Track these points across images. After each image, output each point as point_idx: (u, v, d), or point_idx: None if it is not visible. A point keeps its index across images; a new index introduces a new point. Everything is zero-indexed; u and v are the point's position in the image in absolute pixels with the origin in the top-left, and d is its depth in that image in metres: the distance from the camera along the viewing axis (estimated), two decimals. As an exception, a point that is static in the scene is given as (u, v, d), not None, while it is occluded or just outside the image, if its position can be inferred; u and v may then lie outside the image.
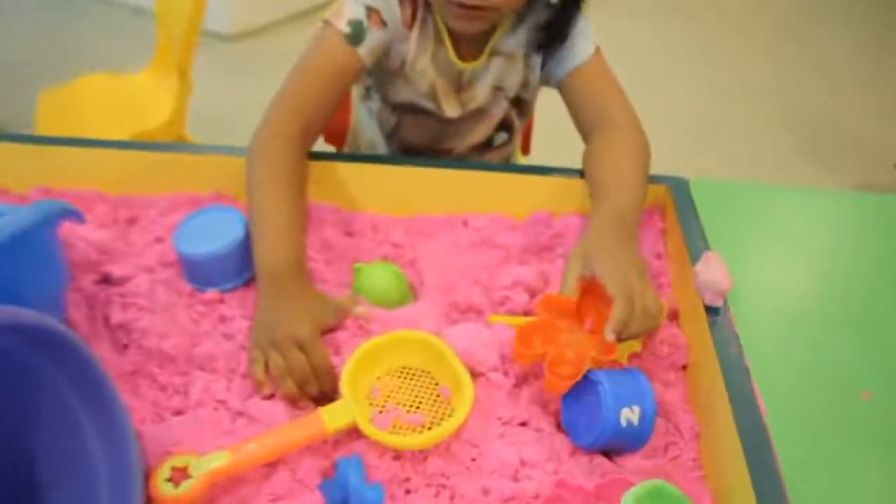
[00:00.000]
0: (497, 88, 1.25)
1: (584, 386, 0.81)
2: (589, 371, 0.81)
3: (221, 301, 0.97)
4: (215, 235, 0.97)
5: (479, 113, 1.27)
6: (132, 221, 1.10)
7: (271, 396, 0.85)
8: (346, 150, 1.55)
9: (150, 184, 1.14)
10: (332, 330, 0.91)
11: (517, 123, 1.34)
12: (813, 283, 1.12)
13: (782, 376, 0.95)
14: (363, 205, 1.14)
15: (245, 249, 0.98)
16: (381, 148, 1.36)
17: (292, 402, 0.85)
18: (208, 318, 0.95)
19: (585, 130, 1.15)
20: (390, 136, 1.33)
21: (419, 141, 1.31)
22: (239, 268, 0.99)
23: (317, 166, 1.11)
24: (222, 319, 0.94)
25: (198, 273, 0.98)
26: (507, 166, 1.35)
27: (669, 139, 1.65)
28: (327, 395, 0.86)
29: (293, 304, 0.90)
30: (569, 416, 0.83)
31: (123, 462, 0.73)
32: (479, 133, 1.30)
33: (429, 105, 1.24)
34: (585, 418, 0.81)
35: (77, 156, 1.14)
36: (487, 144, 1.34)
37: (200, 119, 1.05)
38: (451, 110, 1.25)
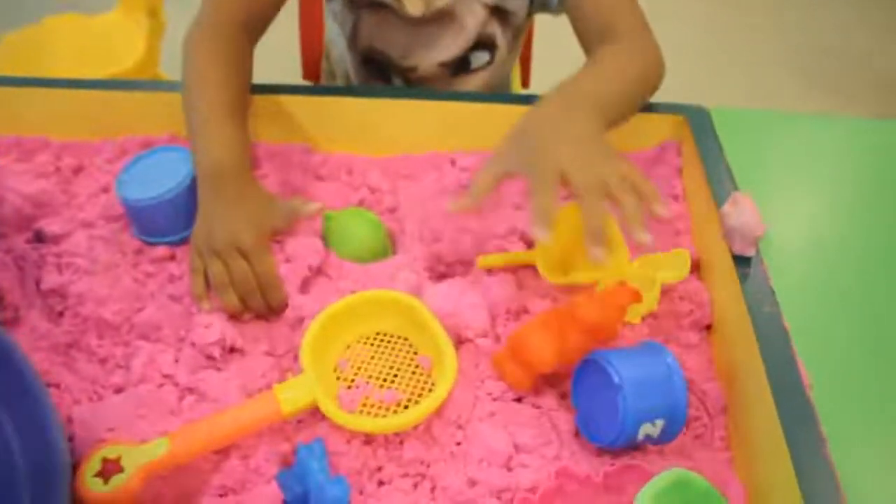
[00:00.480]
0: None
1: (599, 371, 0.67)
2: (606, 358, 0.66)
3: (172, 258, 0.84)
4: (163, 178, 0.84)
5: (448, 17, 1.10)
6: (77, 170, 0.98)
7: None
8: (323, 82, 1.40)
9: (99, 127, 1.00)
10: (280, 235, 0.81)
11: (501, 41, 1.16)
12: (856, 228, 0.96)
13: (824, 341, 0.80)
14: (335, 144, 1.00)
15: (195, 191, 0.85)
16: (348, 64, 1.21)
17: (235, 316, 0.77)
18: (155, 278, 0.82)
19: (590, 46, 0.99)
20: (350, 41, 1.17)
21: (381, 47, 1.15)
22: (192, 214, 0.85)
23: (283, 101, 0.98)
24: (171, 279, 0.82)
25: (144, 222, 0.85)
26: (500, 96, 1.15)
27: (681, 68, 1.49)
28: (273, 309, 0.78)
29: (236, 207, 0.80)
30: (580, 395, 0.70)
31: (45, 455, 0.61)
32: (449, 46, 1.13)
33: None
34: (599, 413, 0.67)
35: (21, 96, 1.00)
36: (463, 65, 1.16)
37: (176, 57, 0.92)
38: (412, 6, 1.07)
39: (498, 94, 1.24)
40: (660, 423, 0.65)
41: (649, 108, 0.96)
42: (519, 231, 0.84)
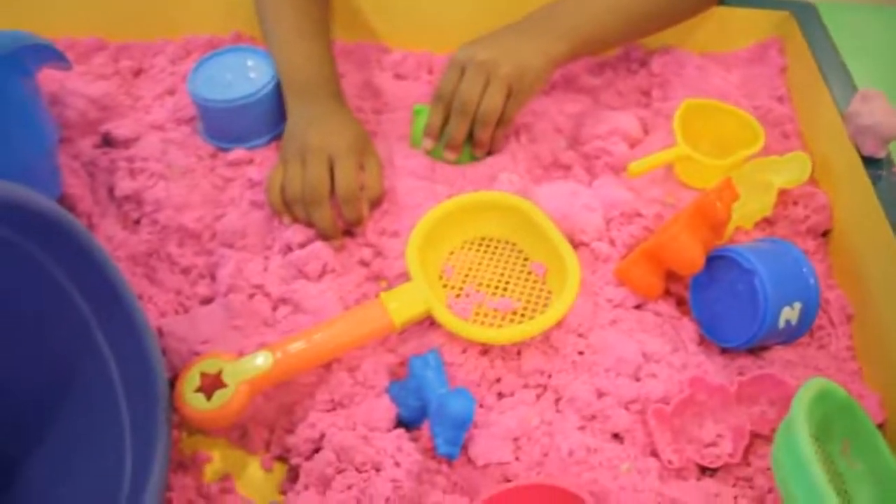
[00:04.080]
0: None
1: (726, 270, 0.63)
2: (731, 250, 0.63)
3: (250, 162, 0.80)
4: (240, 80, 0.79)
5: None
6: (137, 72, 0.92)
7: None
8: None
9: (157, 27, 0.94)
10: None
11: None
12: None
13: None
14: (414, 41, 0.94)
15: (277, 96, 0.80)
16: None
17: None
18: (234, 183, 0.78)
19: None
20: None
21: None
22: (270, 118, 0.81)
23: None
24: (251, 184, 0.77)
25: (221, 127, 0.80)
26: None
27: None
28: (349, 226, 0.73)
29: (332, 116, 0.76)
30: (701, 304, 0.66)
31: (142, 370, 0.57)
32: None
33: None
34: (728, 312, 0.63)
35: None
36: None
37: None
38: None
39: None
40: (798, 305, 0.62)
41: (749, 3, 0.89)
42: (620, 131, 0.78)
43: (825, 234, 0.75)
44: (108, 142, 0.81)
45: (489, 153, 0.79)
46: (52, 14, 0.94)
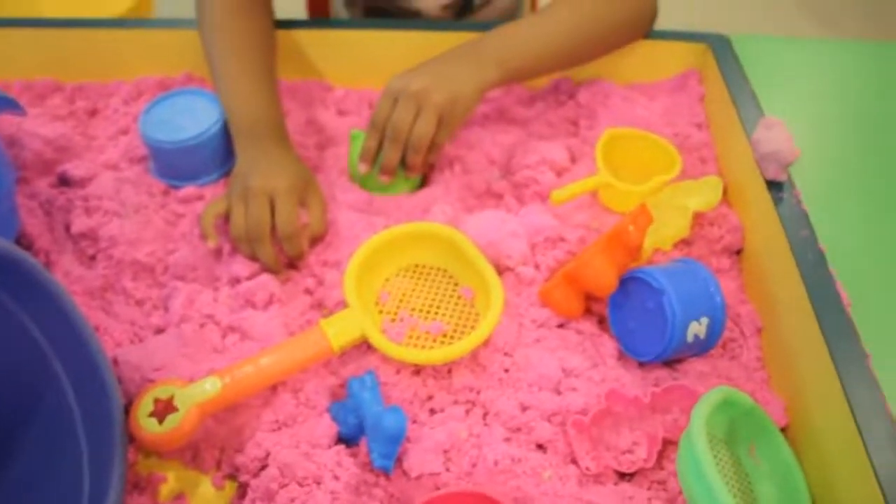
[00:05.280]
0: None
1: (638, 289, 0.69)
2: (643, 272, 0.69)
3: (200, 198, 0.84)
4: (189, 121, 0.84)
5: None
6: (92, 113, 0.96)
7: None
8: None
9: (112, 69, 0.99)
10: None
11: None
12: (880, 151, 0.96)
13: (856, 261, 0.81)
14: (357, 78, 0.99)
15: (225, 136, 0.85)
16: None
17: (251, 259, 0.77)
18: (185, 219, 0.82)
19: None
20: None
21: None
22: (218, 157, 0.85)
23: (299, 35, 0.96)
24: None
25: (171, 166, 0.85)
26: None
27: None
28: (291, 260, 0.78)
29: (274, 158, 0.80)
30: (619, 322, 0.72)
31: (98, 397, 0.61)
32: None
33: None
34: (642, 329, 0.69)
35: (24, 39, 0.98)
36: (467, 6, 1.13)
37: (171, 2, 0.90)
38: None
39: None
40: (705, 320, 0.67)
41: (669, 36, 0.96)
42: (548, 160, 0.84)
43: (738, 252, 0.80)
44: (64, 181, 0.85)
45: (423, 180, 0.84)
46: (9, 55, 0.98)
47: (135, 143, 0.88)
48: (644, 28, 0.95)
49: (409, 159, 0.80)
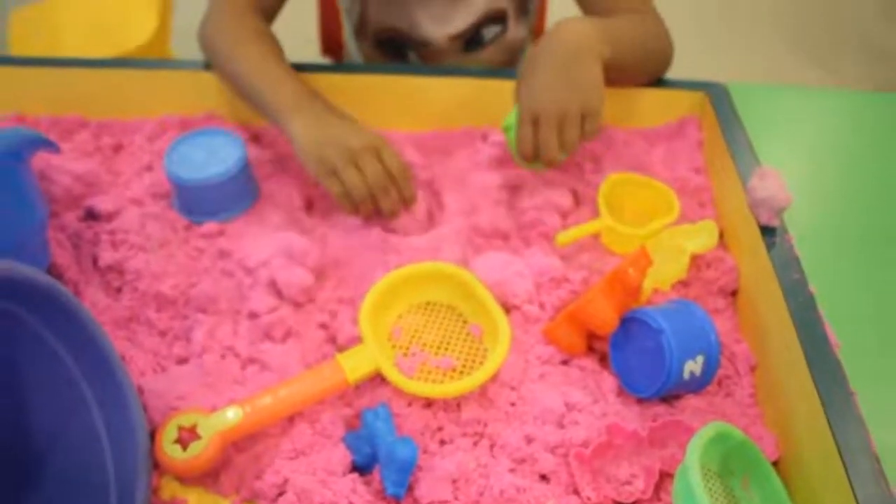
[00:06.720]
0: None
1: (638, 329, 0.73)
2: (642, 312, 0.73)
3: (221, 234, 0.88)
4: (212, 160, 0.88)
5: None
6: (117, 148, 1.00)
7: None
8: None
9: (136, 106, 1.03)
10: None
11: (512, 14, 1.17)
12: (874, 199, 1.01)
13: (846, 306, 0.84)
14: (369, 120, 1.00)
15: (246, 174, 0.89)
16: (354, 55, 1.24)
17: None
18: (207, 253, 0.86)
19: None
20: (358, 28, 1.19)
21: (391, 24, 1.15)
22: (239, 194, 0.89)
23: (312, 79, 1.00)
24: (222, 255, 0.85)
25: (194, 203, 0.89)
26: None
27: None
28: (406, 203, 0.86)
29: (346, 121, 0.85)
30: (620, 360, 0.75)
31: (125, 423, 0.65)
32: (457, 19, 1.13)
33: None
34: (641, 366, 0.73)
35: (53, 77, 1.02)
36: (477, 39, 1.17)
37: (187, 37, 0.94)
38: None
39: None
40: (700, 358, 0.71)
41: (670, 84, 1.00)
42: (553, 203, 0.88)
43: (733, 293, 0.84)
44: (91, 215, 0.89)
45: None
46: (37, 92, 1.02)
47: (158, 179, 0.92)
48: (662, 69, 1.00)
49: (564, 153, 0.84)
